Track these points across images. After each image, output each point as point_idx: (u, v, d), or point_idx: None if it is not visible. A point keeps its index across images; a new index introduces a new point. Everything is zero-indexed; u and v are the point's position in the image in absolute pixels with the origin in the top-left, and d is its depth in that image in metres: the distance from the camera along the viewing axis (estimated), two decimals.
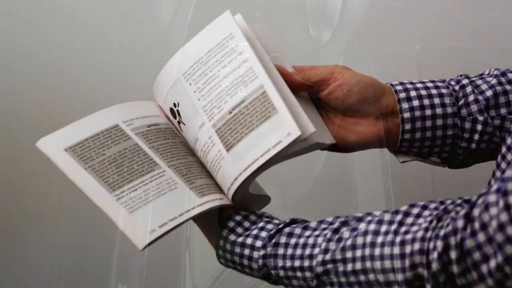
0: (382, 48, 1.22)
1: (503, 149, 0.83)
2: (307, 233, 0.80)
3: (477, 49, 1.20)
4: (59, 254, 1.40)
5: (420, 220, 0.72)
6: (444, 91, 0.88)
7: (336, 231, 0.77)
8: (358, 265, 0.74)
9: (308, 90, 0.89)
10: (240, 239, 0.83)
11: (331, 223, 0.79)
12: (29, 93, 1.33)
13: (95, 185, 0.82)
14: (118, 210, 0.81)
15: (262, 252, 0.81)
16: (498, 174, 0.83)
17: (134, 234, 0.80)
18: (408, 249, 0.71)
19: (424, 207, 0.74)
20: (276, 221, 0.84)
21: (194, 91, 0.87)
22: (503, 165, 0.83)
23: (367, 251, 0.74)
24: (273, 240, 0.81)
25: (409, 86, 0.89)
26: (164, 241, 0.82)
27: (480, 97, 0.87)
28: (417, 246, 0.70)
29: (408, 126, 0.87)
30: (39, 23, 1.30)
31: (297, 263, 0.78)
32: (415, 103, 0.87)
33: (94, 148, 0.84)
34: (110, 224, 0.82)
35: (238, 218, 0.84)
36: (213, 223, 0.85)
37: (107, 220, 0.82)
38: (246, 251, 0.82)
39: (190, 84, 0.87)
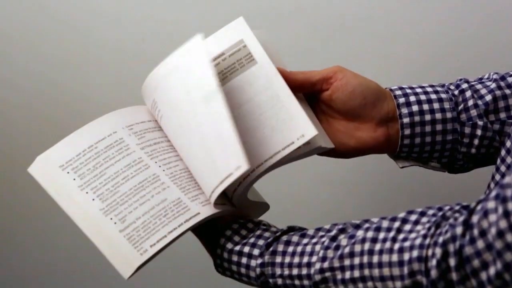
0: (381, 48, 1.22)
1: (503, 152, 0.83)
2: (305, 240, 0.79)
3: (476, 49, 1.20)
4: (59, 254, 1.40)
5: (419, 227, 0.72)
6: (443, 96, 0.87)
7: (333, 238, 0.77)
8: (356, 273, 0.74)
9: (310, 90, 0.88)
10: (237, 248, 0.82)
11: (329, 231, 0.79)
12: (29, 93, 1.33)
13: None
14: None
15: (259, 261, 0.80)
16: (497, 177, 0.83)
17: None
18: (406, 256, 0.70)
19: (422, 214, 0.73)
20: (274, 229, 0.83)
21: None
22: (503, 168, 0.82)
23: (365, 259, 0.73)
24: (271, 248, 0.80)
25: (408, 91, 0.88)
26: None
27: (479, 102, 0.87)
28: (415, 253, 0.70)
29: (407, 132, 0.87)
30: (39, 23, 1.30)
31: (295, 271, 0.78)
32: (414, 108, 0.87)
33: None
34: None
35: (235, 226, 0.84)
36: (210, 231, 0.85)
37: None
38: (244, 260, 0.81)
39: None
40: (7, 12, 1.30)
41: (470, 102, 0.87)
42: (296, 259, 0.78)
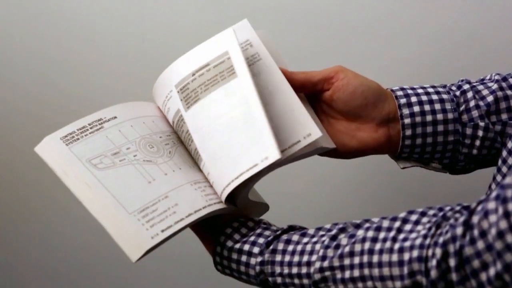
0: (382, 49, 1.22)
1: (504, 153, 0.83)
2: (305, 240, 0.79)
3: (477, 49, 1.20)
4: (59, 253, 1.40)
5: (419, 227, 0.72)
6: (445, 96, 0.87)
7: (334, 237, 0.77)
8: (356, 273, 0.74)
9: (311, 89, 0.88)
10: (237, 245, 0.82)
11: (329, 230, 0.79)
12: (29, 92, 1.33)
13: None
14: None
15: (259, 259, 0.80)
16: (498, 178, 0.83)
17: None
18: (406, 256, 0.70)
19: (423, 214, 0.73)
20: (274, 228, 0.83)
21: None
22: (504, 169, 0.82)
23: (365, 258, 0.73)
24: (271, 247, 0.80)
25: (409, 91, 0.88)
26: None
27: (481, 103, 0.86)
28: (415, 253, 0.70)
29: (408, 132, 0.87)
30: (39, 23, 1.30)
31: (294, 270, 0.78)
32: (416, 108, 0.87)
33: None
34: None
35: (235, 224, 0.84)
36: (210, 229, 0.85)
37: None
38: (243, 258, 0.81)
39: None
40: (7, 12, 1.30)
41: (472, 103, 0.87)
42: (296, 258, 0.78)
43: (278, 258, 0.79)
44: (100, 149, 0.82)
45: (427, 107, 0.87)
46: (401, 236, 0.72)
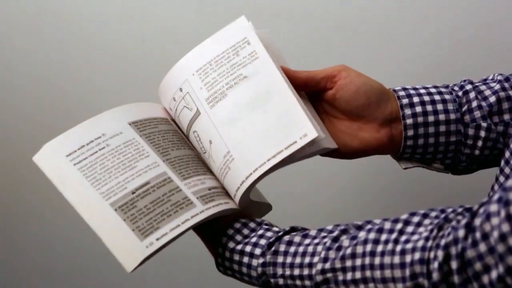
0: (385, 49, 1.22)
1: (507, 154, 0.82)
2: (307, 241, 0.79)
3: (478, 49, 1.20)
4: (59, 253, 1.40)
5: (421, 229, 0.71)
6: (447, 97, 0.87)
7: (335, 239, 0.77)
8: (358, 274, 0.73)
9: (314, 88, 0.88)
10: (239, 247, 0.82)
11: (331, 231, 0.79)
12: (28, 93, 1.33)
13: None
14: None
15: (261, 260, 0.80)
16: (501, 179, 0.83)
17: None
18: (408, 258, 0.70)
19: (425, 216, 0.73)
20: (276, 229, 0.83)
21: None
22: (507, 170, 0.82)
23: (367, 260, 0.73)
24: (273, 248, 0.80)
25: (412, 91, 0.88)
26: None
27: (483, 103, 0.86)
28: (417, 255, 0.70)
29: (410, 133, 0.87)
30: (39, 24, 1.30)
31: (296, 271, 0.78)
32: (418, 109, 0.87)
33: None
34: None
35: (237, 225, 0.84)
36: (212, 230, 0.85)
37: None
38: (245, 259, 0.81)
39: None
40: (6, 12, 1.30)
41: (474, 103, 0.86)
42: (298, 260, 0.78)
43: (280, 259, 0.79)
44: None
45: (429, 108, 0.87)
46: (403, 238, 0.72)
